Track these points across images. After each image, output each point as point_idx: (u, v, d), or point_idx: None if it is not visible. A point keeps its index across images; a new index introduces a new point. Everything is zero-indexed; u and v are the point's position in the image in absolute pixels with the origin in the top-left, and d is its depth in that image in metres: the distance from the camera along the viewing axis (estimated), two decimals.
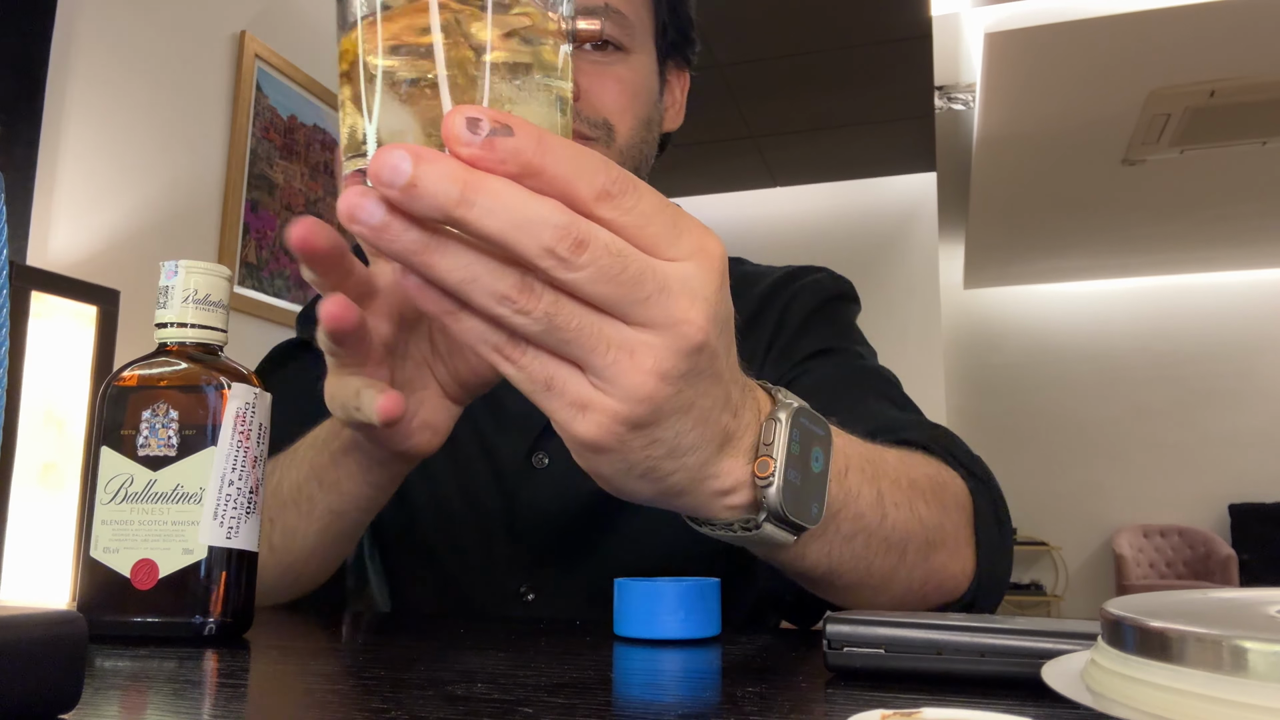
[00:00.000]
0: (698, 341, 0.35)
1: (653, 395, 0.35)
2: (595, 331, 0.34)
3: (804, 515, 0.43)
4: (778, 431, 0.41)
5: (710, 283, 0.35)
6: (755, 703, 0.35)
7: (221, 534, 0.50)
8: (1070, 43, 3.64)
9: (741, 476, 0.41)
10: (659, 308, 0.34)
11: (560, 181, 0.32)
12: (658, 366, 0.34)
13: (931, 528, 0.55)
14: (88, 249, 1.94)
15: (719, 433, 0.39)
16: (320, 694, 0.36)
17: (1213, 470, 6.47)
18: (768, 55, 4.19)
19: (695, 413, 0.37)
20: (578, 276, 0.32)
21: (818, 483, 0.44)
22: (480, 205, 0.31)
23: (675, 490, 0.40)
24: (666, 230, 0.34)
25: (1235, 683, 0.22)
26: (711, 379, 0.37)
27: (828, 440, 0.46)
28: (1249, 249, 6.18)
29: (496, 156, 0.31)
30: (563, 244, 0.31)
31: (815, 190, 5.76)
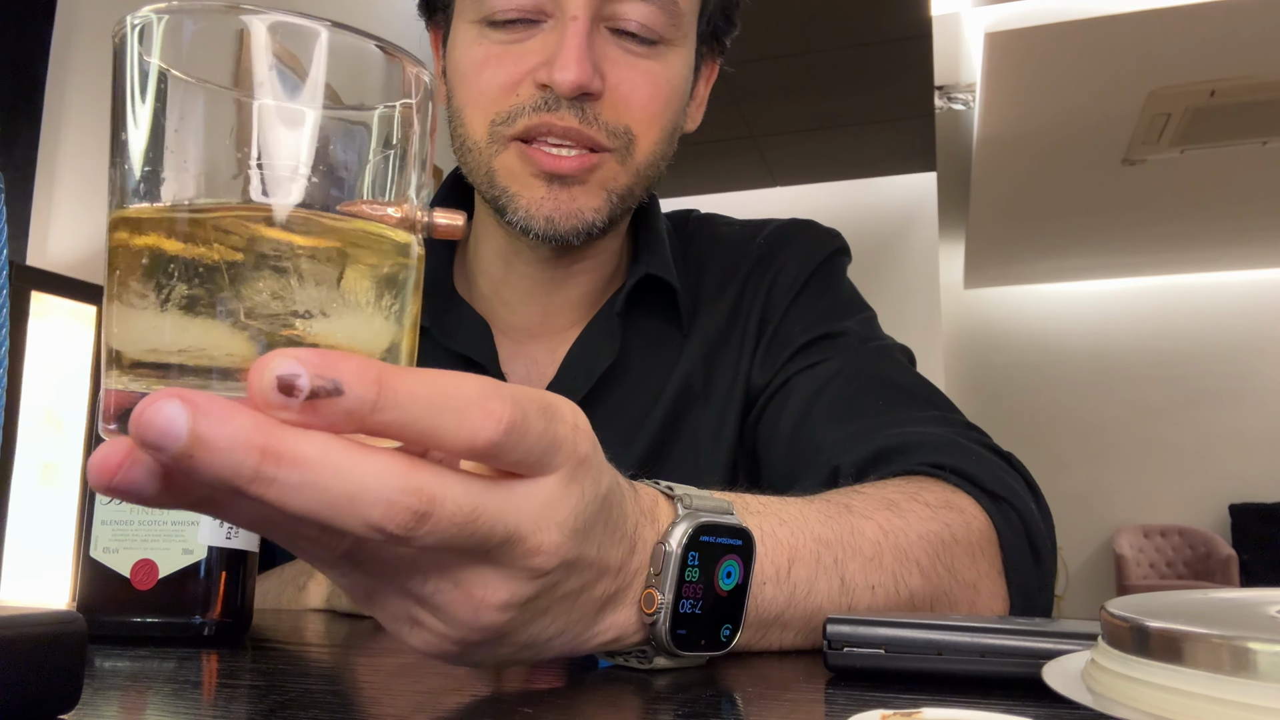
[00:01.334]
0: (547, 569, 0.30)
1: (489, 625, 0.30)
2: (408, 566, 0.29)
3: (709, 643, 0.39)
4: (667, 559, 0.37)
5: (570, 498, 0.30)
6: (755, 703, 0.35)
7: (221, 534, 0.50)
8: (1070, 43, 3.64)
9: (630, 621, 0.37)
10: (505, 550, 0.29)
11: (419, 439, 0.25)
12: (491, 599, 0.30)
13: (928, 600, 0.50)
14: (87, 249, 1.94)
15: (592, 608, 0.35)
16: (320, 694, 0.36)
17: (1213, 470, 6.47)
18: (768, 55, 4.19)
19: (554, 612, 0.33)
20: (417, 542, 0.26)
21: (729, 603, 0.40)
22: (283, 482, 0.23)
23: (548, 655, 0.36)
24: (544, 455, 0.29)
25: (1236, 683, 0.22)
26: (574, 579, 0.32)
27: (747, 550, 0.40)
28: (1249, 249, 6.18)
29: (323, 420, 0.24)
30: (395, 521, 0.25)
31: (815, 190, 5.76)
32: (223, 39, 0.26)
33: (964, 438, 0.62)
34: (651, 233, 0.77)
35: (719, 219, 0.86)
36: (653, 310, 0.76)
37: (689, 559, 0.37)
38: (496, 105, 0.65)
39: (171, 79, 0.26)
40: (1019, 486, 0.60)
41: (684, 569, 0.37)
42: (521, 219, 0.65)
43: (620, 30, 0.65)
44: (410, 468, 0.25)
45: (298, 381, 0.23)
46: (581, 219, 0.65)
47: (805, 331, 0.74)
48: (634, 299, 0.75)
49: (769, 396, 0.73)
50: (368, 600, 0.31)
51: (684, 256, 0.79)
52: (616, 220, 0.69)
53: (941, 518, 0.53)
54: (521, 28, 0.65)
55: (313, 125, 0.26)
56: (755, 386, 0.75)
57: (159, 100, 0.26)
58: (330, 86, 0.27)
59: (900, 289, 5.53)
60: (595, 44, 0.64)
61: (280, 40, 0.26)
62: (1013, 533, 0.56)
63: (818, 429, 0.68)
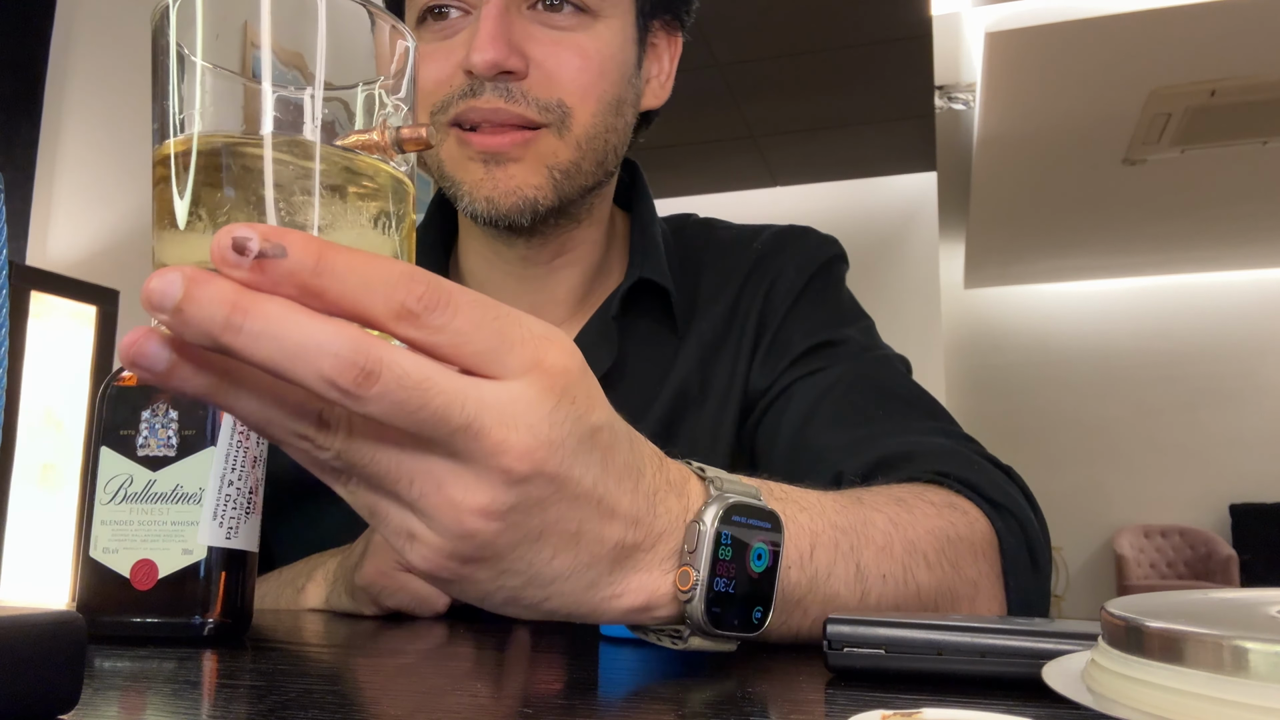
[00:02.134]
0: (519, 473, 0.30)
1: (473, 532, 0.31)
2: (394, 466, 0.30)
3: (741, 625, 0.40)
4: (701, 537, 0.37)
5: (543, 404, 0.31)
6: (755, 702, 0.35)
7: (221, 534, 0.50)
8: (1070, 43, 3.64)
9: (660, 589, 0.37)
10: (470, 440, 0.29)
11: (348, 303, 0.28)
12: (471, 501, 0.31)
13: (934, 593, 0.51)
14: (87, 249, 1.94)
15: (604, 554, 0.35)
16: (320, 694, 0.36)
17: (1213, 470, 6.47)
18: (768, 55, 4.19)
19: (553, 539, 0.33)
20: (372, 410, 0.28)
21: (762, 584, 0.40)
22: (248, 330, 0.27)
23: (565, 614, 0.36)
24: (491, 347, 0.30)
25: (1236, 683, 0.22)
26: (568, 503, 0.33)
27: (776, 532, 0.41)
28: (1249, 249, 6.18)
29: (269, 279, 0.27)
30: (345, 375, 0.27)
31: (815, 190, 5.76)
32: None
33: (965, 448, 0.63)
34: (646, 237, 0.78)
35: (717, 223, 0.86)
36: (648, 313, 0.77)
37: (722, 538, 0.38)
38: (433, 98, 0.66)
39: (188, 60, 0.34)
40: (1019, 497, 0.61)
41: (718, 547, 0.37)
42: (467, 204, 0.67)
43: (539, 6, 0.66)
44: (362, 334, 0.28)
45: (248, 244, 0.27)
46: (522, 196, 0.66)
47: (806, 338, 0.74)
48: (629, 302, 0.75)
49: (770, 401, 0.74)
50: (373, 517, 0.33)
51: (681, 260, 0.80)
52: (569, 198, 0.69)
53: (946, 516, 0.54)
54: (454, 20, 0.67)
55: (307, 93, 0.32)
56: (754, 390, 0.75)
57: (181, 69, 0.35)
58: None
59: (900, 289, 5.53)
60: (515, 24, 0.65)
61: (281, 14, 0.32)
62: (1013, 540, 0.57)
63: (820, 434, 0.68)
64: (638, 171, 0.84)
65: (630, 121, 0.73)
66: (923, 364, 5.50)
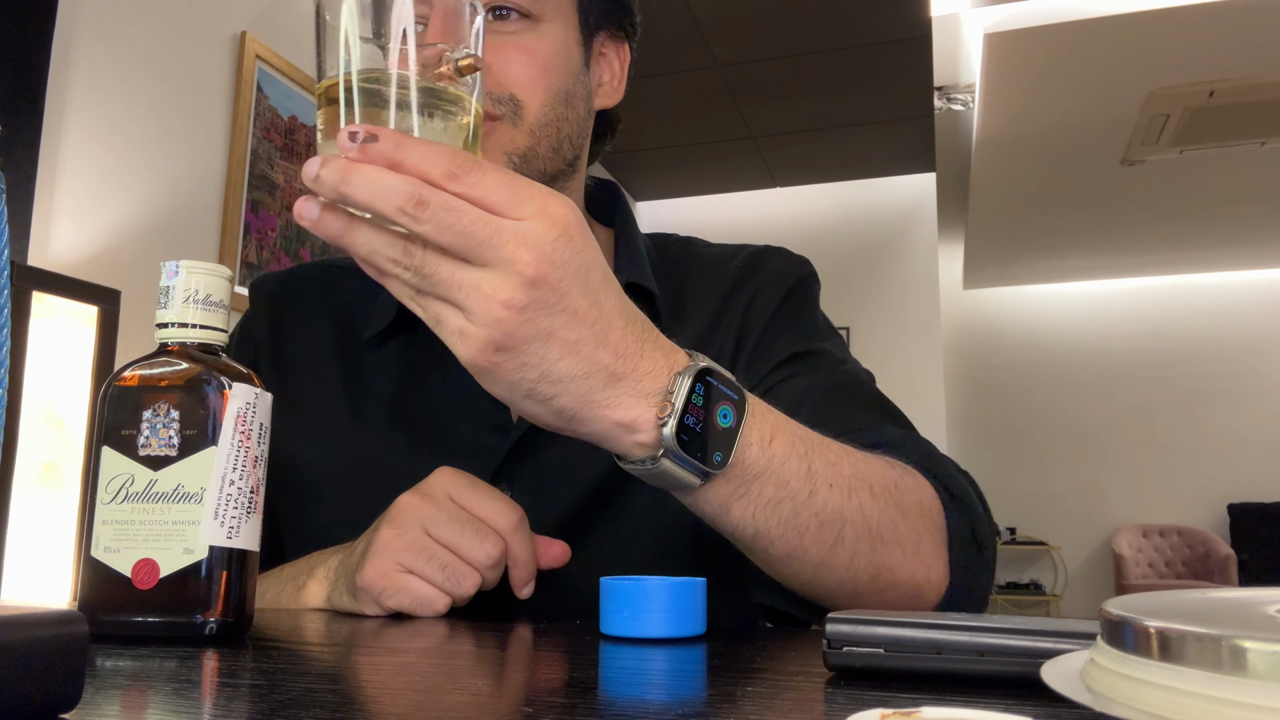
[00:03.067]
0: (529, 276, 0.44)
1: (502, 320, 0.45)
2: (449, 275, 0.45)
3: (705, 459, 0.50)
4: (680, 383, 0.49)
5: (547, 234, 0.45)
6: (755, 702, 0.35)
7: (222, 534, 0.50)
8: (1070, 43, 3.64)
9: (644, 415, 0.49)
10: (492, 250, 0.44)
11: (413, 168, 0.44)
12: (498, 295, 0.44)
13: (877, 521, 0.57)
14: (88, 249, 1.94)
15: (598, 368, 0.47)
16: (320, 694, 0.36)
17: (1212, 470, 6.47)
18: (768, 55, 4.19)
19: (557, 343, 0.46)
20: (424, 229, 0.44)
21: (725, 436, 0.51)
22: (352, 183, 0.44)
23: (568, 414, 0.48)
24: (508, 197, 0.45)
25: (1235, 682, 0.23)
26: (566, 315, 0.46)
27: (740, 403, 0.52)
28: (1248, 249, 6.19)
29: (368, 156, 0.44)
30: (408, 204, 0.43)
31: (815, 190, 5.76)
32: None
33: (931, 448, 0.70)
34: (631, 247, 0.84)
35: (698, 241, 0.92)
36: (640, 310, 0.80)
37: (696, 389, 0.50)
38: None
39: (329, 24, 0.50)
40: (971, 492, 0.67)
41: (691, 394, 0.49)
42: None
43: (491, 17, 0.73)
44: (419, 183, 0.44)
45: (356, 135, 0.45)
46: None
47: (787, 346, 0.79)
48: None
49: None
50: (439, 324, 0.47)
51: (665, 272, 0.85)
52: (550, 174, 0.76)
53: (897, 473, 0.61)
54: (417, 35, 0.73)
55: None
56: None
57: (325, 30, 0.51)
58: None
59: (900, 289, 5.53)
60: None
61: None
62: (958, 518, 0.63)
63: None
64: (619, 191, 0.91)
65: (583, 115, 0.78)
66: (922, 364, 5.52)
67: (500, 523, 0.62)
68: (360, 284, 0.86)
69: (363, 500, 0.69)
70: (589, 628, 0.56)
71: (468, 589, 0.61)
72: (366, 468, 0.76)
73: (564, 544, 0.66)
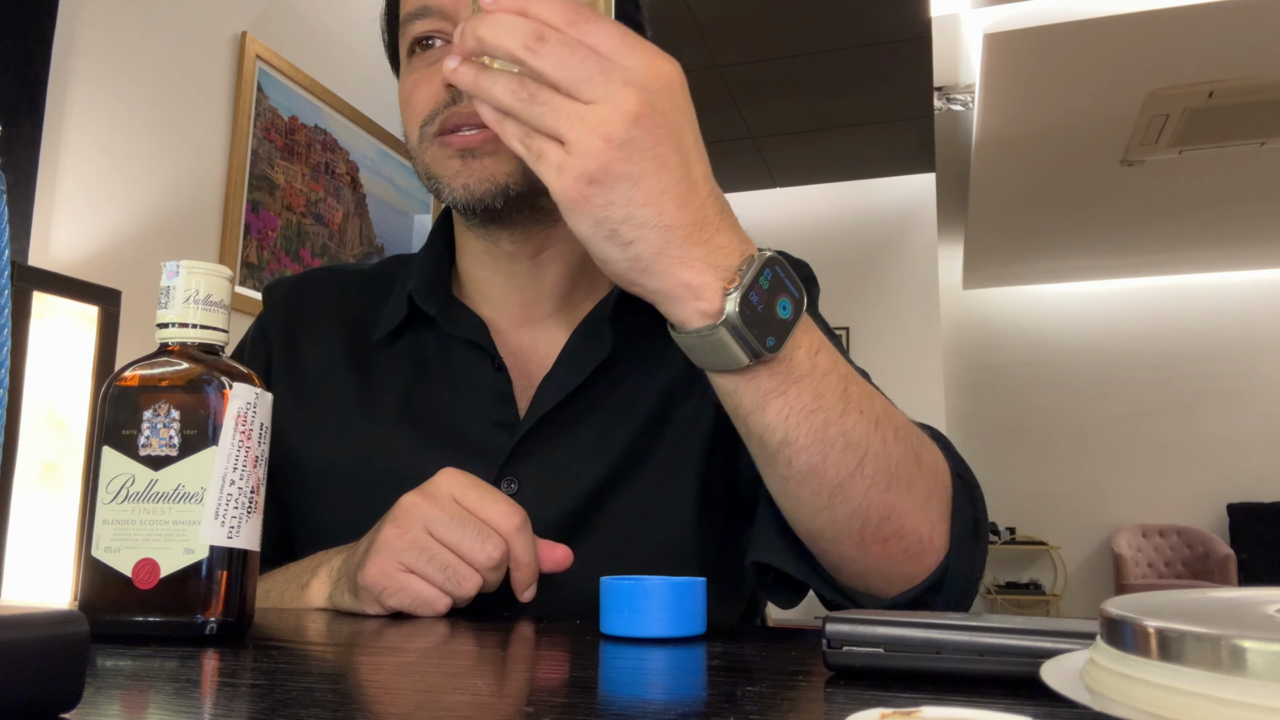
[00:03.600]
0: (631, 113, 0.48)
1: (599, 153, 0.48)
2: (560, 106, 0.49)
3: (760, 338, 0.52)
4: (751, 265, 0.52)
5: (651, 83, 0.49)
6: (755, 702, 0.35)
7: (223, 534, 0.50)
8: (1070, 43, 3.64)
9: (710, 281, 0.51)
10: (600, 87, 0.49)
11: (538, 14, 0.50)
12: (600, 128, 0.48)
13: (897, 461, 0.58)
14: (89, 249, 1.94)
15: (676, 224, 0.51)
16: (320, 694, 0.36)
17: (1211, 470, 6.47)
18: (768, 55, 4.19)
19: (644, 188, 0.50)
20: (540, 63, 0.49)
21: (781, 325, 0.53)
22: (486, 24, 0.50)
23: (642, 263, 0.51)
24: (620, 46, 0.50)
25: (1234, 682, 0.23)
26: (655, 161, 0.49)
27: (800, 302, 0.54)
28: (1248, 249, 6.19)
29: (500, 5, 0.50)
30: (530, 39, 0.49)
31: (815, 190, 5.76)
32: None
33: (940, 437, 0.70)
34: None
35: None
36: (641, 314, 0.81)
37: (764, 273, 0.52)
38: (423, 114, 0.76)
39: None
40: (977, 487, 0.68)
41: (759, 275, 0.52)
42: (447, 195, 0.75)
43: None
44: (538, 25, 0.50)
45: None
46: (495, 182, 0.74)
47: None
48: (623, 305, 0.80)
49: None
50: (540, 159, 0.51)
51: None
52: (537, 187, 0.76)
53: (920, 432, 0.63)
54: (435, 50, 0.76)
55: None
56: None
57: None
58: None
59: (899, 289, 5.53)
60: None
61: None
62: (965, 495, 0.64)
63: None
64: None
65: None
66: (922, 364, 5.51)
67: (503, 524, 0.62)
68: (371, 288, 0.87)
69: (371, 497, 0.69)
70: (589, 628, 0.56)
71: (468, 590, 0.61)
72: (375, 465, 0.76)
73: (566, 548, 0.67)
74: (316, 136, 2.67)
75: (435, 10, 0.76)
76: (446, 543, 0.61)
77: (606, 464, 0.74)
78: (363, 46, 2.78)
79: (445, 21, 0.76)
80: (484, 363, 0.79)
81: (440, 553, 0.61)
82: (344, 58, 2.76)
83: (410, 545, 0.61)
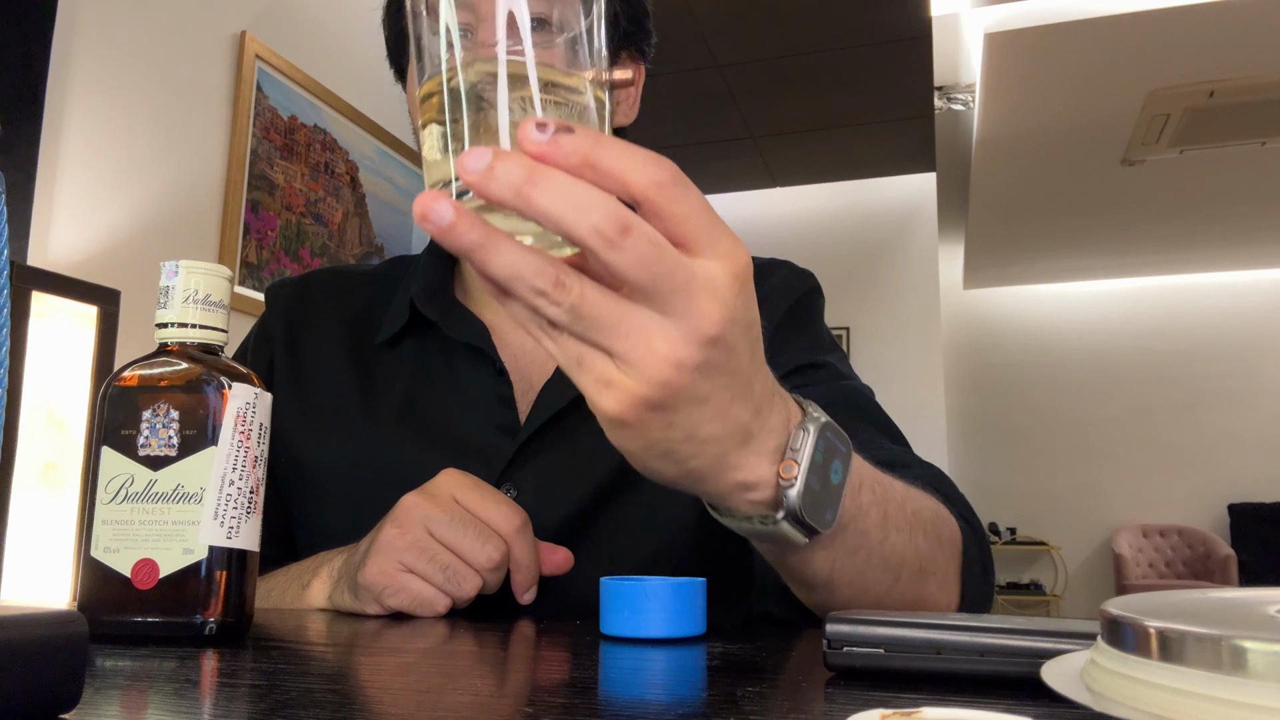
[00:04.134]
0: (713, 334, 0.37)
1: (668, 381, 0.38)
2: (615, 320, 0.37)
3: (819, 520, 0.46)
4: (804, 440, 0.44)
5: (733, 286, 0.38)
6: (755, 702, 0.35)
7: (222, 534, 0.50)
8: (1070, 43, 3.64)
9: (765, 475, 0.44)
10: (683, 299, 0.37)
11: (616, 173, 0.35)
12: (673, 354, 0.37)
13: (926, 557, 0.57)
14: (88, 249, 1.94)
15: (738, 429, 0.42)
16: (320, 694, 0.36)
17: (1212, 470, 6.47)
18: (768, 55, 4.19)
19: (713, 405, 0.40)
20: (619, 259, 0.35)
21: (834, 493, 0.47)
22: (543, 186, 0.35)
23: (697, 475, 0.43)
24: (705, 229, 0.37)
25: (1235, 682, 0.23)
26: (729, 375, 0.40)
27: (848, 456, 0.48)
28: (1248, 249, 6.18)
29: (560, 151, 0.35)
30: (609, 226, 0.35)
31: (815, 190, 5.76)
32: None
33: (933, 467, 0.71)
34: None
35: None
36: None
37: (819, 445, 0.45)
38: None
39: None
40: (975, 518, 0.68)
41: (815, 451, 0.45)
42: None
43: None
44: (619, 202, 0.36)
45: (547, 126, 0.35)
46: None
47: (793, 359, 0.79)
48: None
49: None
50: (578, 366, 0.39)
51: None
52: None
53: (935, 507, 0.61)
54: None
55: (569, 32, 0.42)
56: None
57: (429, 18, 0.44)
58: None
59: (900, 289, 5.53)
60: None
61: None
62: (974, 549, 0.64)
63: None
64: None
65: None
66: (922, 364, 5.51)
67: (503, 526, 0.62)
68: (373, 290, 0.87)
69: (373, 499, 0.69)
70: (589, 628, 0.56)
71: (468, 591, 0.61)
72: (377, 467, 0.76)
73: (567, 551, 0.66)
74: (316, 136, 2.66)
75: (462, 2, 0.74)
76: (447, 543, 0.61)
77: (607, 469, 0.74)
78: (362, 46, 2.78)
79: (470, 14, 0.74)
80: (485, 367, 0.79)
81: (441, 553, 0.61)
82: (343, 57, 2.76)
83: (411, 545, 0.61)
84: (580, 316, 0.37)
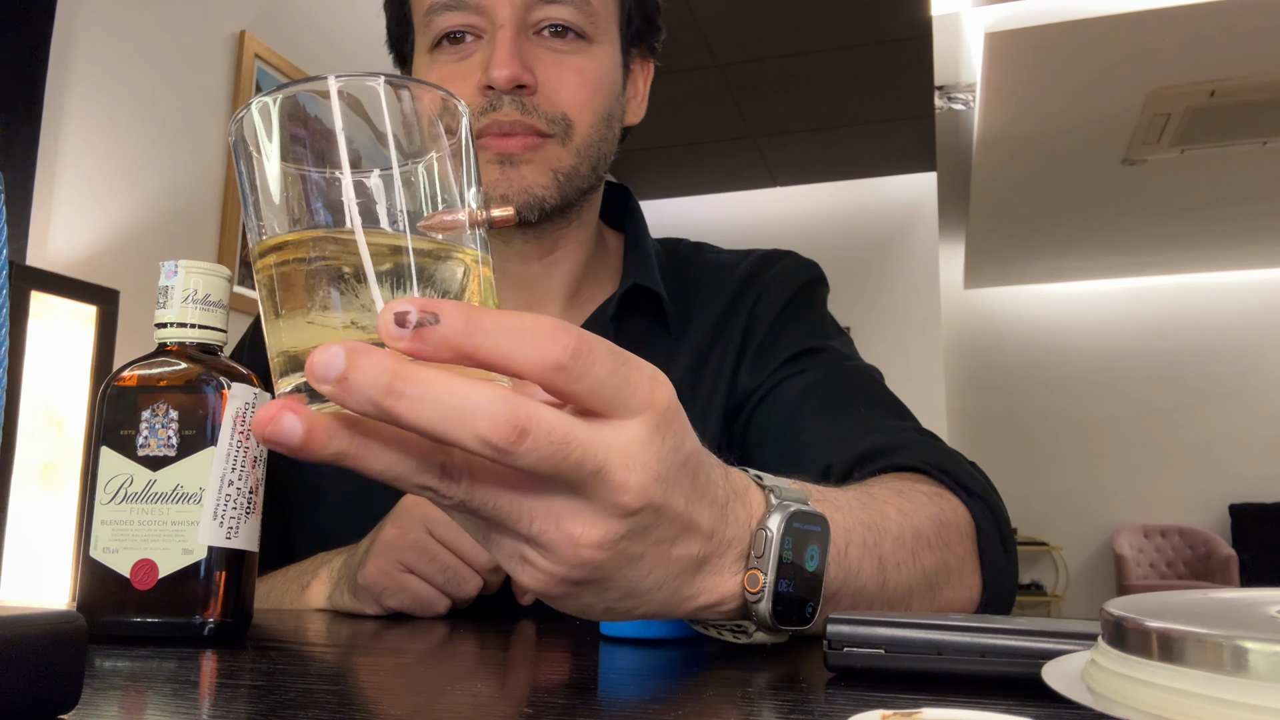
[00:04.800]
0: (633, 508, 0.34)
1: (588, 560, 0.34)
2: (517, 509, 0.33)
3: (797, 620, 0.43)
4: (768, 543, 0.40)
5: (654, 440, 0.34)
6: (755, 702, 0.35)
7: (221, 534, 0.50)
8: (1070, 43, 3.64)
9: (729, 590, 0.40)
10: (595, 484, 0.33)
11: (500, 361, 0.31)
12: (589, 535, 0.34)
13: (935, 572, 0.55)
14: (87, 249, 1.94)
15: (687, 565, 0.38)
16: (320, 694, 0.36)
17: (1213, 470, 6.47)
18: (768, 55, 4.19)
19: (649, 559, 0.36)
20: (518, 462, 0.31)
21: (812, 582, 0.43)
22: (410, 394, 0.29)
23: (651, 615, 0.39)
24: (615, 393, 0.33)
25: (1235, 683, 0.22)
26: (664, 527, 0.36)
27: (824, 535, 0.44)
28: (1249, 249, 6.18)
29: (428, 346, 0.30)
30: (499, 434, 0.30)
31: (815, 190, 5.76)
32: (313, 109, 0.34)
33: (937, 444, 0.69)
34: (640, 250, 0.85)
35: (707, 247, 0.93)
36: (642, 317, 0.83)
37: (785, 543, 0.41)
38: None
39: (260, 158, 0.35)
40: (988, 485, 0.66)
41: (782, 552, 0.41)
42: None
43: (545, 32, 0.74)
44: (513, 395, 0.30)
45: (408, 316, 0.29)
46: (532, 195, 0.73)
47: (791, 345, 0.80)
48: (625, 307, 0.81)
49: (760, 398, 0.79)
50: (487, 542, 0.36)
51: (673, 275, 0.86)
52: (569, 199, 0.77)
53: (937, 503, 0.59)
54: (465, 45, 0.74)
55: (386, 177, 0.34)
56: (743, 390, 0.80)
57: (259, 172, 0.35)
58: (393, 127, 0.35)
59: (900, 289, 5.53)
60: (524, 46, 0.73)
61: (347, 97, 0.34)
62: (987, 523, 0.62)
63: (806, 427, 0.73)
64: (630, 195, 0.92)
65: (617, 134, 0.81)
66: (923, 364, 5.51)
67: None
68: None
69: (369, 499, 0.69)
70: (589, 628, 0.56)
71: (468, 591, 0.61)
72: None
73: None
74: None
75: (471, 4, 0.74)
76: (447, 544, 0.61)
77: None
78: (361, 45, 2.78)
79: (479, 16, 0.74)
80: None
81: (441, 554, 0.61)
82: (343, 56, 2.76)
83: (411, 545, 0.61)
84: (475, 509, 0.33)
